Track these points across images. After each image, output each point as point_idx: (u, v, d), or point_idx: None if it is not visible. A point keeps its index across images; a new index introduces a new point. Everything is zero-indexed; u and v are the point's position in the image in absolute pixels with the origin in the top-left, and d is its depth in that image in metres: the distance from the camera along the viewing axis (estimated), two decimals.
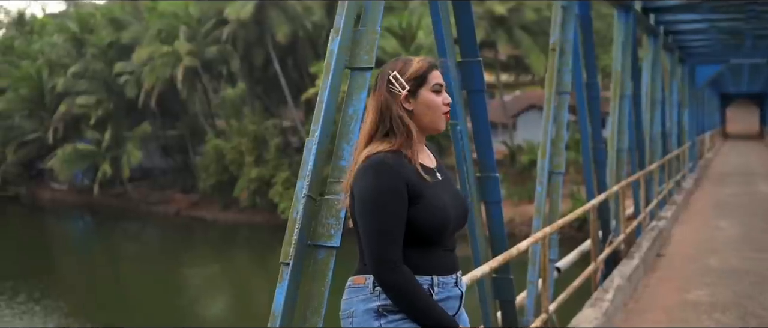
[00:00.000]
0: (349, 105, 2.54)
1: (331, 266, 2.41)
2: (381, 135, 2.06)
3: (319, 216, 2.44)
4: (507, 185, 30.74)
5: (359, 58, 2.59)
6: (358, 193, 1.99)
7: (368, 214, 1.97)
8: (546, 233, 4.48)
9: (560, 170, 5.31)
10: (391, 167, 1.98)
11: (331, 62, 2.54)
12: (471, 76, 3.72)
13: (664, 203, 11.14)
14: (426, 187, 2.04)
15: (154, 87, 37.53)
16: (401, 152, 2.04)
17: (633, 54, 8.81)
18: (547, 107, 5.26)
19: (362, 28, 2.63)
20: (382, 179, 1.96)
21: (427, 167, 2.12)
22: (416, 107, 2.07)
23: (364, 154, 2.05)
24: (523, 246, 4.03)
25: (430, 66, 2.09)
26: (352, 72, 2.60)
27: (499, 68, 35.43)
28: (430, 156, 2.20)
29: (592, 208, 6.06)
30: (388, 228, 1.98)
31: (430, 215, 2.03)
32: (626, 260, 7.03)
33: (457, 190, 2.21)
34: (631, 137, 8.87)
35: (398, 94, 2.07)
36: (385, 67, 2.15)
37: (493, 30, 31.09)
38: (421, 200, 2.02)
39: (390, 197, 1.96)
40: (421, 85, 2.08)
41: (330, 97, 2.51)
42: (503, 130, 35.11)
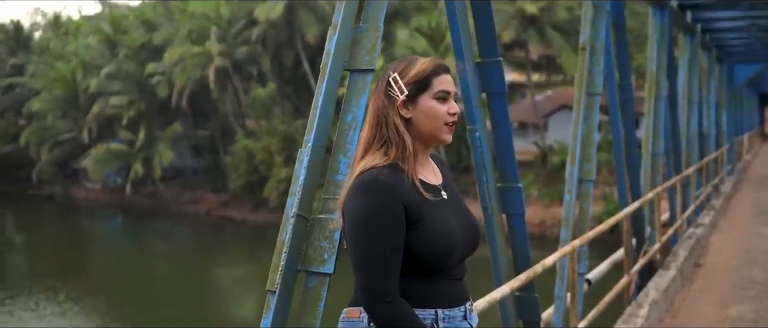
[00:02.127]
0: (347, 111, 2.25)
1: (323, 296, 2.13)
2: (378, 145, 1.79)
3: (311, 238, 2.16)
4: (538, 187, 30.24)
5: (359, 58, 2.31)
6: (348, 215, 1.72)
7: (359, 239, 1.69)
8: (575, 247, 4.15)
9: (591, 178, 4.97)
10: (386, 184, 1.70)
11: (328, 63, 2.26)
12: (491, 77, 3.41)
13: (701, 208, 10.67)
14: (427, 207, 1.75)
15: (185, 87, 37.75)
16: (398, 166, 1.75)
17: (669, 53, 8.40)
18: (576, 109, 4.92)
19: (363, 26, 2.35)
20: (374, 199, 1.69)
21: (429, 184, 1.82)
22: (415, 115, 1.79)
23: (358, 168, 1.76)
24: (549, 262, 3.71)
25: (436, 69, 1.80)
26: (352, 74, 2.32)
27: (530, 68, 34.89)
28: (436, 170, 1.90)
29: (625, 216, 5.69)
30: (381, 256, 1.69)
31: (431, 239, 1.74)
32: (662, 271, 6.64)
33: (466, 210, 1.91)
34: (667, 140, 8.45)
35: (396, 99, 1.79)
36: (387, 67, 1.87)
37: (525, 29, 30.62)
38: (421, 222, 1.73)
39: (384, 220, 1.68)
40: (422, 91, 1.80)
41: (325, 102, 2.23)
42: (534, 130, 34.57)
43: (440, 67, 1.81)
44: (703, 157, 11.77)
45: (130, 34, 42.70)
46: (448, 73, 1.84)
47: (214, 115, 41.03)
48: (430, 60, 1.84)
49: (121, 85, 41.22)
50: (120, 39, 43.04)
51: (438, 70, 1.81)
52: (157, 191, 40.93)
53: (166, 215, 38.95)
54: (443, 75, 1.81)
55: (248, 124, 40.83)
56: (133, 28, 43.18)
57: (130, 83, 41.24)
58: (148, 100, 40.86)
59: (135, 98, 40.83)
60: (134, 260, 30.88)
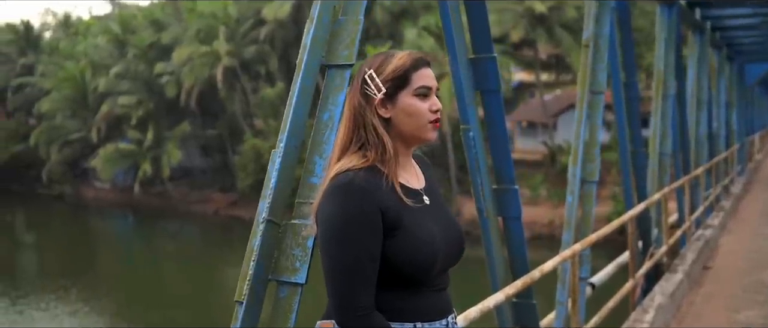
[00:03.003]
0: (323, 109, 2.12)
1: (295, 307, 1.99)
2: (356, 146, 1.65)
3: (283, 245, 2.02)
4: (547, 186, 30.02)
5: (337, 53, 2.17)
6: (320, 220, 1.59)
7: (331, 246, 1.56)
8: (576, 251, 4.00)
9: (593, 179, 4.81)
10: (362, 188, 1.57)
11: (304, 58, 2.12)
12: (485, 74, 3.26)
13: (711, 209, 10.47)
14: (407, 213, 1.62)
15: (194, 87, 37.78)
16: (377, 169, 1.62)
17: (677, 51, 8.22)
18: (579, 108, 4.77)
19: (342, 19, 2.21)
20: (349, 204, 1.56)
21: (410, 188, 1.68)
22: (394, 114, 1.66)
23: (333, 170, 1.63)
24: (548, 267, 3.56)
25: (415, 63, 1.66)
26: (329, 69, 2.18)
27: (539, 67, 34.68)
28: (418, 173, 1.76)
29: (630, 219, 5.53)
30: (355, 265, 1.56)
31: (411, 248, 1.60)
32: (669, 275, 6.47)
33: (450, 217, 1.76)
34: (675, 140, 8.27)
35: (374, 98, 1.65)
36: (363, 63, 1.73)
37: (533, 28, 30.43)
38: (400, 229, 1.60)
39: (359, 226, 1.55)
40: (401, 88, 1.66)
41: (300, 99, 2.09)
42: (543, 130, 34.36)
43: (419, 62, 1.67)
44: (712, 158, 11.57)
45: (138, 34, 42.77)
46: (429, 66, 1.70)
47: (223, 114, 41.04)
48: (408, 54, 1.70)
49: (130, 85, 41.30)
50: (129, 39, 43.12)
51: (417, 65, 1.67)
52: (165, 191, 40.97)
53: (174, 215, 38.99)
54: (423, 69, 1.67)
55: (256, 124, 40.80)
56: (142, 28, 43.26)
57: (139, 83, 41.30)
58: (157, 99, 40.91)
59: (143, 98, 40.89)
60: (143, 259, 30.93)
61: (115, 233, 39.61)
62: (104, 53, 44.09)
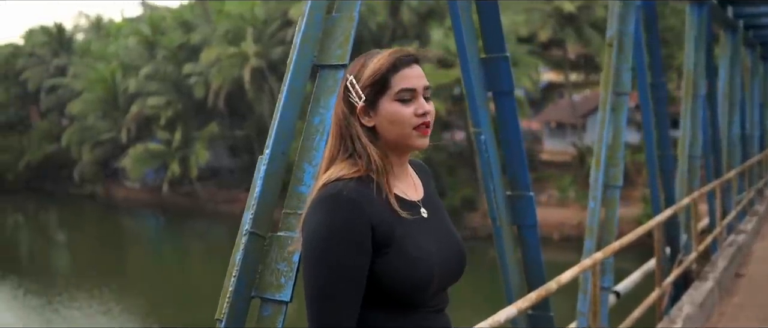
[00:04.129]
0: (314, 113, 1.97)
1: (279, 326, 1.85)
2: (344, 156, 1.52)
3: (268, 259, 1.88)
4: (575, 188, 29.61)
5: (330, 52, 2.02)
6: (304, 234, 1.45)
7: (313, 263, 1.42)
8: (597, 260, 3.81)
9: (617, 184, 4.61)
10: (351, 200, 1.43)
11: (293, 58, 1.98)
12: (497, 75, 3.09)
13: (744, 214, 10.13)
14: (401, 228, 1.47)
15: (222, 88, 38.01)
16: (369, 179, 1.47)
17: (708, 50, 7.94)
18: (602, 110, 4.57)
19: (336, 15, 2.06)
20: (335, 217, 1.42)
21: (406, 200, 1.53)
22: (378, 122, 1.51)
23: (322, 180, 1.49)
24: (566, 277, 3.37)
25: (394, 64, 1.50)
26: (321, 70, 2.04)
27: (568, 67, 34.25)
28: (416, 183, 1.61)
29: (657, 225, 5.30)
30: (337, 286, 1.42)
31: (405, 266, 1.46)
32: (698, 283, 6.22)
33: (451, 231, 1.60)
34: (706, 142, 7.99)
35: (356, 106, 1.51)
36: (349, 66, 1.59)
37: (562, 28, 30.04)
38: (392, 246, 1.45)
39: (345, 243, 1.41)
40: (380, 93, 1.51)
41: (289, 102, 1.95)
42: (572, 131, 33.92)
43: (399, 61, 1.51)
44: (745, 160, 11.21)
45: (168, 35, 43.14)
46: (412, 64, 1.53)
47: (250, 115, 41.21)
48: (388, 53, 1.53)
49: (159, 86, 41.67)
50: (158, 40, 43.52)
51: (396, 66, 1.51)
52: (193, 191, 41.27)
53: (202, 215, 39.24)
54: (404, 70, 1.51)
55: None
56: (171, 29, 43.63)
57: (168, 84, 41.65)
58: (185, 100, 41.22)
59: (172, 99, 41.22)
60: (173, 258, 31.18)
61: (145, 233, 40.02)
62: (134, 54, 44.53)
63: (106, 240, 34.96)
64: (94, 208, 43.73)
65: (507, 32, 23.17)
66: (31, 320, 20.42)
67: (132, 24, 50.72)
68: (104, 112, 45.16)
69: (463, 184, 29.56)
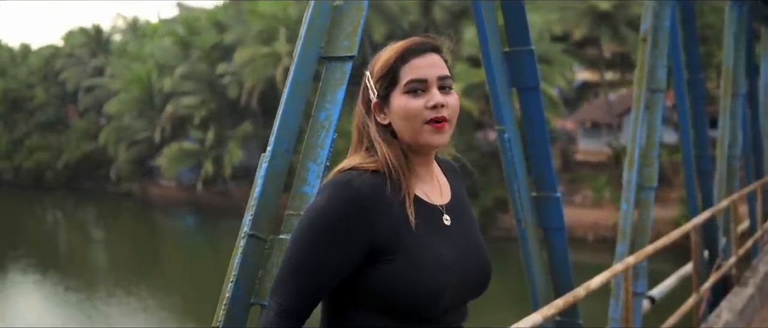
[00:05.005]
0: (320, 108, 1.86)
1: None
2: (361, 149, 1.45)
3: (269, 264, 1.77)
4: (610, 189, 29.14)
5: (337, 43, 1.90)
6: (303, 211, 1.40)
7: (293, 240, 1.34)
8: (628, 265, 3.63)
9: (651, 185, 4.42)
10: (358, 196, 1.31)
11: (298, 49, 1.87)
12: (521, 69, 2.94)
13: None
14: (413, 233, 1.35)
15: (255, 87, 38.27)
16: (390, 175, 1.36)
17: (748, 48, 7.66)
18: (635, 108, 4.38)
19: (344, 5, 1.95)
20: (331, 209, 1.31)
21: (427, 204, 1.41)
22: (392, 119, 1.40)
23: (339, 166, 1.41)
24: (595, 283, 3.21)
25: (403, 55, 1.39)
26: (328, 63, 1.92)
27: (603, 66, 33.73)
28: (443, 185, 1.47)
29: (694, 228, 5.08)
30: (300, 274, 1.33)
31: (411, 276, 1.33)
32: (738, 289, 5.97)
33: (476, 241, 1.46)
34: (746, 141, 7.70)
35: (371, 102, 1.43)
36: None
37: (597, 26, 29.59)
38: (401, 252, 1.33)
39: (326, 239, 1.30)
40: (392, 87, 1.40)
41: (293, 96, 1.84)
42: (608, 130, 33.40)
43: (408, 51, 1.39)
44: None
45: (202, 36, 43.56)
46: (426, 53, 1.40)
47: None
48: (401, 44, 1.41)
49: (194, 86, 42.10)
50: (193, 40, 43.97)
51: (405, 56, 1.39)
52: (227, 190, 41.60)
53: (236, 213, 39.44)
54: (413, 60, 1.39)
55: None
56: (206, 29, 44.05)
57: (202, 84, 42.05)
58: (219, 100, 41.57)
59: (206, 98, 41.61)
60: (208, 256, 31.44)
61: (180, 231, 40.46)
62: (169, 55, 45.06)
63: (143, 238, 35.43)
64: (130, 206, 44.35)
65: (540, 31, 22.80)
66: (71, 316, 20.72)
67: (167, 25, 51.35)
68: (140, 111, 45.78)
69: (495, 184, 29.27)
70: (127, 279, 24.70)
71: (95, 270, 28.32)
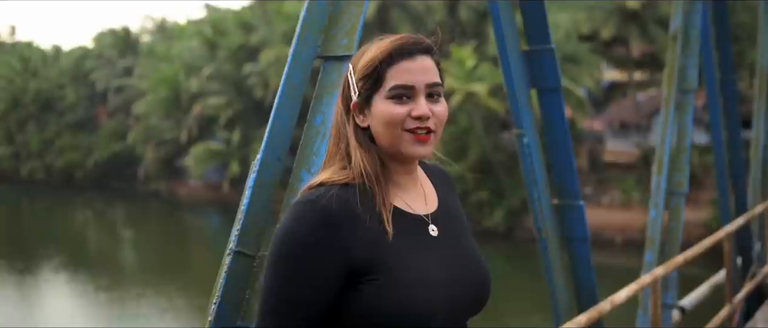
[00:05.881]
0: (315, 112, 1.71)
1: None
2: (337, 157, 1.30)
3: (257, 283, 1.62)
4: (640, 191, 28.70)
5: (336, 42, 1.75)
6: (272, 238, 1.25)
7: (269, 276, 1.20)
8: (657, 276, 3.43)
9: (682, 190, 4.20)
10: (326, 214, 1.18)
11: (292, 48, 1.72)
12: (541, 69, 2.76)
13: None
14: (395, 249, 1.20)
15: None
16: (362, 187, 1.22)
17: None
18: (665, 109, 4.17)
19: (343, 1, 1.79)
20: (300, 231, 1.18)
21: (409, 215, 1.26)
22: (372, 123, 1.26)
23: (310, 182, 1.28)
24: (622, 297, 3.02)
25: (390, 55, 1.24)
26: (325, 62, 1.77)
27: (632, 66, 33.23)
28: (429, 192, 1.33)
29: (726, 236, 4.85)
30: (286, 308, 1.20)
31: (397, 298, 1.19)
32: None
33: (470, 253, 1.31)
34: None
35: (352, 102, 1.29)
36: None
37: (626, 25, 29.14)
38: (381, 272, 1.19)
39: (304, 266, 1.17)
40: (375, 88, 1.26)
41: (286, 100, 1.69)
42: (637, 131, 32.92)
43: (398, 51, 1.24)
44: None
45: (228, 36, 43.81)
46: (416, 55, 1.25)
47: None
48: (387, 42, 1.26)
49: (220, 86, 42.37)
50: (219, 41, 44.23)
51: (393, 57, 1.24)
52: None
53: None
54: (402, 62, 1.24)
55: None
56: (232, 30, 44.30)
57: (228, 84, 42.29)
58: (245, 100, 41.77)
59: (232, 99, 41.84)
60: None
61: (208, 230, 40.72)
62: (196, 55, 45.40)
63: (171, 237, 35.71)
64: (158, 205, 44.75)
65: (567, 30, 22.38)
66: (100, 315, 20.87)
67: (195, 26, 51.76)
68: (167, 111, 46.17)
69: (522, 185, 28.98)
70: (156, 278, 24.86)
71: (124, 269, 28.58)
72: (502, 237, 27.06)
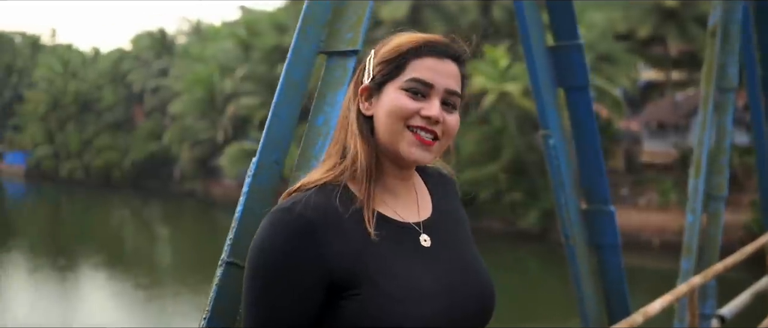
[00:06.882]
0: (318, 112, 1.60)
1: None
2: (333, 151, 1.21)
3: None
4: (678, 192, 28.13)
5: (340, 36, 1.63)
6: (248, 252, 1.17)
7: (246, 295, 1.13)
8: (694, 286, 3.24)
9: (721, 194, 4.00)
10: (301, 223, 1.09)
11: (293, 43, 1.60)
12: (569, 67, 2.60)
13: None
14: (378, 260, 1.11)
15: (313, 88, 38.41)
16: (345, 190, 1.13)
17: None
18: (703, 109, 3.97)
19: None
20: (274, 244, 1.09)
21: (396, 223, 1.16)
22: (376, 113, 1.17)
23: (291, 186, 1.21)
24: (655, 309, 2.84)
25: (419, 47, 1.15)
26: (329, 58, 1.66)
27: (670, 65, 32.60)
28: (423, 198, 1.23)
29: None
30: None
31: (381, 312, 1.09)
32: None
33: (468, 264, 1.20)
34: None
35: (361, 85, 1.21)
36: None
37: (663, 24, 28.59)
38: (363, 285, 1.09)
39: (280, 283, 1.08)
40: (392, 77, 1.16)
41: (285, 98, 1.58)
42: (675, 131, 32.30)
43: (427, 46, 1.15)
44: None
45: (262, 37, 44.13)
46: (445, 58, 1.16)
47: None
48: (420, 35, 1.18)
49: (254, 87, 42.70)
50: (254, 42, 44.57)
51: (420, 50, 1.15)
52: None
53: None
54: (429, 59, 1.15)
55: None
56: (266, 31, 44.61)
57: (262, 85, 42.59)
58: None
59: (266, 99, 42.10)
60: None
61: None
62: (231, 56, 45.82)
63: (206, 236, 36.03)
64: (193, 204, 45.24)
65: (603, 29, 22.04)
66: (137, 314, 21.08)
67: (229, 27, 52.24)
68: (202, 112, 46.66)
69: None
70: (193, 277, 25.06)
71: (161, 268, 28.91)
72: (536, 239, 26.73)
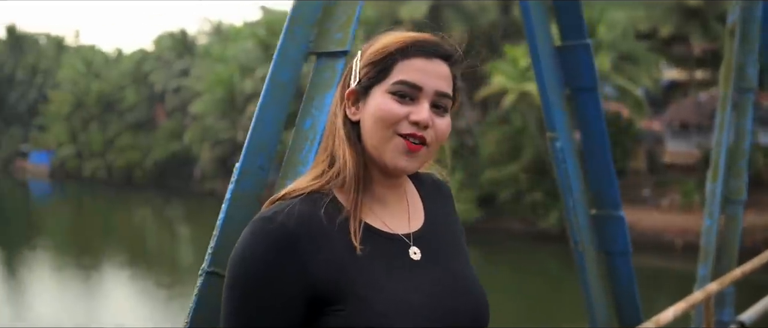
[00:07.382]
0: (305, 115, 1.53)
1: None
2: (322, 158, 1.15)
3: None
4: (700, 193, 27.73)
5: (330, 36, 1.57)
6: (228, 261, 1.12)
7: (223, 304, 1.08)
8: (710, 293, 3.14)
9: (740, 198, 3.88)
10: (282, 234, 1.03)
11: (280, 43, 1.54)
12: (576, 67, 2.52)
13: None
14: (366, 272, 1.05)
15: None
16: (332, 199, 1.07)
17: None
18: (721, 110, 3.86)
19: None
20: (255, 250, 1.04)
21: (385, 234, 1.10)
22: (362, 118, 1.11)
23: (275, 194, 1.14)
24: (668, 317, 2.75)
25: (406, 47, 1.09)
26: (318, 59, 1.59)
27: (693, 64, 32.19)
28: (414, 208, 1.17)
29: None
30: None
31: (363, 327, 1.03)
32: None
33: (459, 277, 1.14)
34: None
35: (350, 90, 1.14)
36: None
37: (686, 23, 28.22)
38: (349, 300, 1.03)
39: (262, 293, 1.03)
40: (378, 79, 1.10)
41: (270, 101, 1.52)
42: (698, 131, 31.88)
43: (415, 46, 1.09)
44: None
45: None
46: (434, 57, 1.10)
47: None
48: (406, 34, 1.11)
49: None
50: (273, 42, 44.62)
51: (408, 50, 1.09)
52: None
53: None
54: (417, 59, 1.09)
55: None
56: None
57: None
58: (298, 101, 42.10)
59: None
60: None
61: None
62: (251, 56, 45.95)
63: None
64: (213, 204, 45.22)
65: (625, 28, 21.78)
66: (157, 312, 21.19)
67: (250, 28, 52.43)
68: (223, 112, 46.88)
69: None
70: None
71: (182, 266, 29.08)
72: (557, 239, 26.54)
